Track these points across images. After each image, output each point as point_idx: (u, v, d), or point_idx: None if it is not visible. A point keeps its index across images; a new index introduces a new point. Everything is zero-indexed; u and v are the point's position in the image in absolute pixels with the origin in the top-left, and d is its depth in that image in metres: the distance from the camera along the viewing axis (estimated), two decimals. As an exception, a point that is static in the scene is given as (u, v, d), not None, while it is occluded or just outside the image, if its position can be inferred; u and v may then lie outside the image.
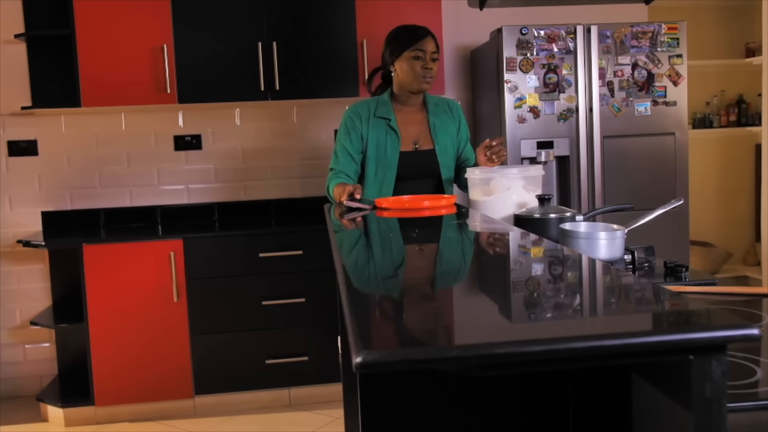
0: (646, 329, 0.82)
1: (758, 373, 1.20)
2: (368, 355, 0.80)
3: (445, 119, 2.82)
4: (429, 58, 2.69)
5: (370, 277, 1.28)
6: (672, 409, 0.89)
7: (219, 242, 3.54)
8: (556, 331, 0.86)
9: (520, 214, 2.28)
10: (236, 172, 4.11)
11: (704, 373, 0.84)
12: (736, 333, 0.81)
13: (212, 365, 3.55)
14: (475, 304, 1.03)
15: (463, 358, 0.80)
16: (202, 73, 3.66)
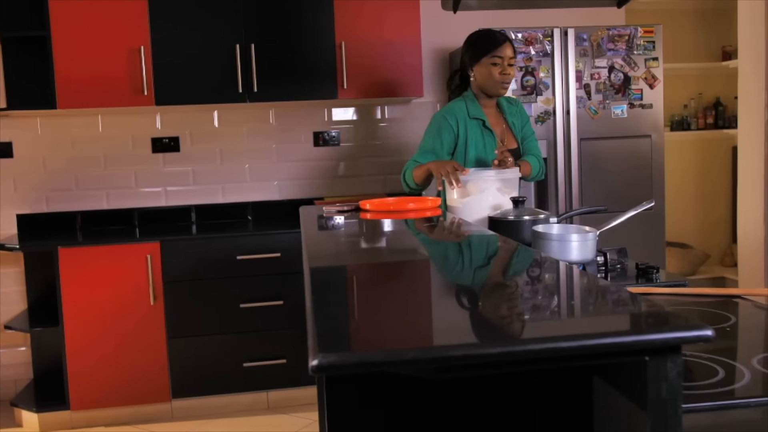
0: (602, 331, 0.83)
1: (720, 373, 1.21)
2: (324, 357, 0.80)
3: (515, 119, 2.93)
4: (506, 64, 2.75)
5: (336, 280, 1.28)
6: (630, 410, 0.90)
7: (196, 245, 3.52)
8: (513, 333, 0.86)
9: (495, 217, 2.29)
10: (214, 175, 4.09)
11: (660, 373, 0.85)
12: (689, 334, 0.82)
13: (189, 368, 3.54)
14: (435, 307, 1.04)
15: (419, 361, 0.80)
16: (179, 74, 3.65)
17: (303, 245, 1.67)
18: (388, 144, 4.26)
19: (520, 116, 2.96)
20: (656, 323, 0.87)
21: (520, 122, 2.96)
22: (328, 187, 4.21)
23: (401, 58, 3.82)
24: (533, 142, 2.99)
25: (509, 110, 2.92)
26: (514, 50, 2.79)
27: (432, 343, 0.85)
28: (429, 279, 1.26)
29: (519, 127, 2.94)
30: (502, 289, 1.17)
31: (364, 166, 4.24)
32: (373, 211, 2.31)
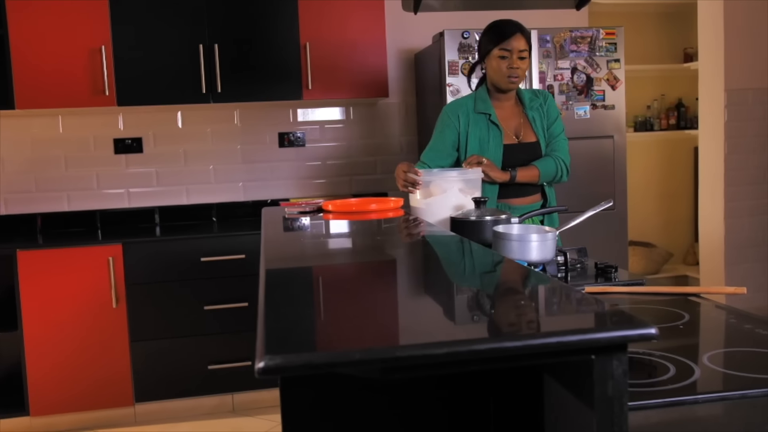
0: (547, 331, 0.83)
1: (671, 370, 1.22)
2: (270, 360, 0.79)
3: (538, 112, 2.76)
4: (516, 57, 2.61)
5: (290, 282, 1.27)
6: (578, 408, 0.90)
7: (159, 247, 3.48)
8: (460, 333, 0.87)
9: (457, 217, 2.29)
10: (178, 176, 4.05)
11: (606, 372, 0.85)
12: (634, 332, 0.83)
13: (153, 372, 3.49)
14: (387, 308, 1.03)
15: (366, 362, 0.80)
16: (141, 75, 3.60)
17: (261, 247, 1.66)
18: (354, 145, 4.25)
19: (546, 111, 2.77)
20: (601, 322, 0.87)
21: (546, 117, 2.77)
22: (293, 188, 4.19)
23: (366, 59, 3.82)
24: (560, 143, 2.80)
25: (531, 104, 2.75)
26: (527, 41, 2.63)
27: (380, 344, 0.84)
28: (383, 280, 1.26)
29: (543, 122, 2.76)
30: (452, 290, 1.17)
31: (330, 167, 4.23)
32: (336, 212, 2.31)
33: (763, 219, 4.80)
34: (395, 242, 1.75)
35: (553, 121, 2.78)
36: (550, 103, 2.80)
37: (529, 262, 1.97)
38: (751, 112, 4.72)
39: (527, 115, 2.73)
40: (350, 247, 1.69)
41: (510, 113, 2.74)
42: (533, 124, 2.73)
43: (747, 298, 4.76)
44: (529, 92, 2.79)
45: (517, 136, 2.71)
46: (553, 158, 2.71)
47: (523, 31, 2.64)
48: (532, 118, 2.73)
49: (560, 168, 2.72)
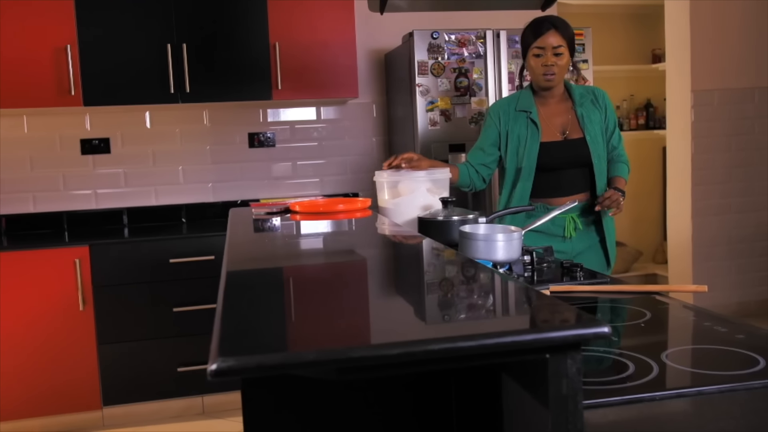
0: (501, 330, 0.83)
1: (630, 368, 1.24)
2: (223, 362, 0.79)
3: (592, 109, 2.67)
4: (550, 54, 2.54)
5: (251, 284, 1.26)
6: (534, 407, 0.91)
7: (127, 248, 3.44)
8: (415, 333, 0.87)
9: (424, 217, 2.30)
10: (146, 177, 4.01)
11: (560, 370, 0.86)
12: (587, 331, 0.83)
13: (121, 375, 3.46)
14: (344, 309, 1.03)
15: (320, 363, 0.79)
16: (108, 74, 3.56)
17: (225, 248, 1.64)
18: (325, 145, 4.25)
19: (602, 110, 2.69)
20: (556, 322, 0.88)
21: (605, 116, 2.69)
22: (264, 188, 4.17)
23: (336, 59, 3.81)
24: (622, 145, 2.76)
25: (581, 100, 2.65)
26: (563, 37, 2.55)
27: (336, 345, 0.84)
28: (343, 282, 1.26)
29: (601, 119, 2.67)
30: (409, 290, 1.17)
31: (300, 168, 4.22)
32: (303, 213, 2.30)
33: (730, 218, 4.88)
34: (359, 243, 1.75)
35: (614, 124, 2.72)
36: (608, 102, 2.72)
37: (496, 261, 1.98)
38: (717, 112, 4.79)
39: (576, 111, 2.65)
40: (314, 248, 1.68)
41: (556, 111, 2.66)
42: (581, 121, 2.63)
43: (714, 296, 4.83)
44: (580, 88, 2.71)
45: (563, 133, 2.63)
46: (624, 164, 2.72)
47: (559, 26, 2.56)
48: (581, 115, 2.64)
49: (629, 171, 2.75)
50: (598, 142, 2.63)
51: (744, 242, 4.91)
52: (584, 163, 2.61)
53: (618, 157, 2.73)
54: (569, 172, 2.62)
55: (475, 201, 3.75)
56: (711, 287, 4.82)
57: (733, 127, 4.82)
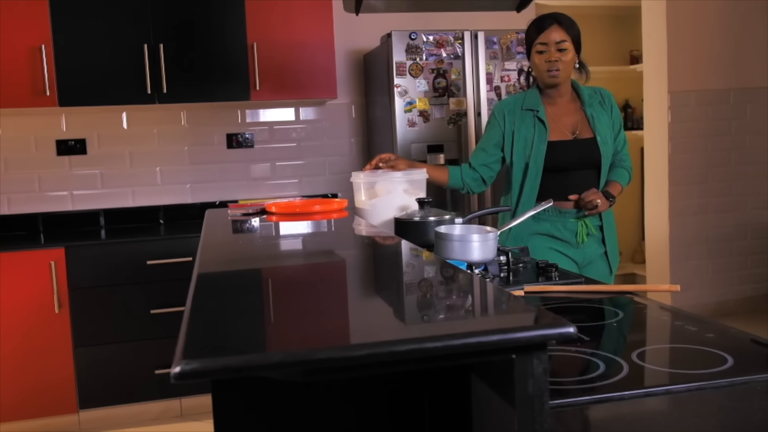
0: (467, 331, 0.84)
1: (601, 367, 1.24)
2: (187, 364, 0.78)
3: (600, 110, 2.60)
4: (554, 49, 2.47)
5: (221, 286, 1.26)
6: (501, 407, 0.91)
7: (104, 250, 3.42)
8: (381, 334, 0.87)
9: (401, 218, 2.30)
10: (123, 178, 3.98)
11: (526, 371, 0.86)
12: (553, 332, 0.84)
13: (98, 378, 3.43)
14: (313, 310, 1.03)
15: (285, 365, 0.79)
16: (84, 75, 3.53)
17: (198, 250, 1.63)
18: (304, 146, 4.24)
19: (609, 111, 2.62)
20: (522, 322, 0.88)
21: (612, 117, 2.63)
22: (242, 189, 4.15)
23: (314, 60, 3.81)
24: (626, 150, 2.70)
25: (590, 100, 2.59)
26: (567, 32, 2.48)
27: (303, 346, 0.84)
28: (313, 283, 1.25)
29: (609, 121, 2.61)
30: (378, 292, 1.17)
31: (279, 169, 4.21)
32: (279, 214, 2.29)
33: (708, 217, 4.93)
34: (332, 244, 1.74)
35: (619, 127, 2.65)
36: (614, 104, 2.66)
37: (471, 262, 1.98)
38: (694, 113, 4.84)
39: (585, 111, 2.58)
40: (287, 250, 1.68)
41: (566, 110, 2.59)
42: (591, 122, 2.56)
43: (692, 295, 4.88)
44: (588, 89, 2.64)
45: (573, 132, 2.56)
46: (624, 168, 2.64)
47: (563, 22, 2.48)
48: (591, 115, 2.57)
49: (630, 176, 2.68)
50: (608, 144, 2.56)
51: (721, 242, 4.96)
52: (593, 164, 2.55)
53: (620, 161, 2.65)
54: (577, 174, 2.55)
55: (454, 201, 3.76)
56: (689, 287, 4.87)
57: (709, 127, 4.87)
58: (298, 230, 1.97)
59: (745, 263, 5.02)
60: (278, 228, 2.01)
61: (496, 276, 2.05)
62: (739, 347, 1.31)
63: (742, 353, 1.28)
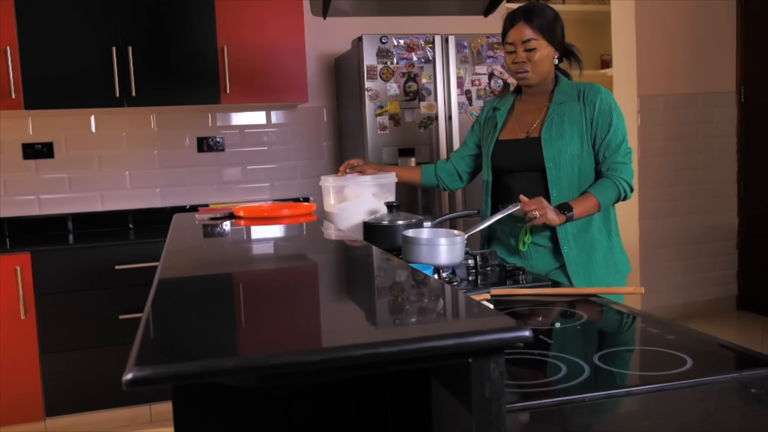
0: (422, 335, 0.83)
1: (563, 370, 1.25)
2: (139, 371, 0.77)
3: (572, 107, 2.28)
4: (520, 50, 2.26)
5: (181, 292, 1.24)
6: (459, 411, 0.91)
7: (71, 255, 3.37)
8: (336, 340, 0.86)
9: (369, 222, 2.30)
10: (92, 182, 3.94)
11: (483, 374, 0.86)
12: (508, 335, 0.84)
13: (65, 384, 3.38)
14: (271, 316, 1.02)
15: (238, 370, 0.78)
16: (51, 77, 3.49)
17: (162, 255, 1.62)
18: (275, 149, 4.22)
19: (585, 109, 2.28)
20: (477, 326, 0.88)
21: (584, 115, 2.27)
22: (213, 193, 4.13)
23: (285, 63, 3.79)
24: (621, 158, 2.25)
25: (559, 98, 2.30)
26: (536, 28, 2.24)
27: (259, 352, 0.83)
28: (275, 288, 1.25)
29: (581, 120, 2.27)
30: (337, 297, 1.17)
31: (250, 172, 4.19)
32: (247, 218, 2.28)
33: (677, 220, 4.98)
34: (297, 249, 1.74)
35: (607, 128, 2.25)
36: (599, 101, 2.26)
37: (439, 265, 1.99)
38: (663, 116, 4.90)
39: (549, 108, 2.31)
40: (252, 255, 1.67)
41: (534, 107, 2.36)
42: (547, 119, 2.29)
43: (661, 297, 4.93)
44: (570, 85, 2.34)
45: (528, 131, 2.34)
46: (612, 180, 2.23)
47: (530, 17, 2.25)
48: (551, 111, 2.29)
49: (622, 191, 2.25)
50: (560, 144, 2.25)
51: (691, 244, 5.02)
52: (535, 166, 2.30)
53: (610, 171, 2.26)
54: (522, 176, 2.34)
55: (425, 205, 3.76)
56: (658, 288, 4.92)
57: (678, 131, 4.93)
58: (264, 235, 1.96)
59: (713, 265, 5.08)
60: (245, 232, 2.00)
61: (464, 279, 2.05)
62: (698, 349, 1.33)
63: (701, 355, 1.29)
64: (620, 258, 2.34)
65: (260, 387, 0.96)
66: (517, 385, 1.21)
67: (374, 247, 1.53)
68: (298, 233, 1.94)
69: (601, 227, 2.31)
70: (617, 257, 2.32)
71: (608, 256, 2.30)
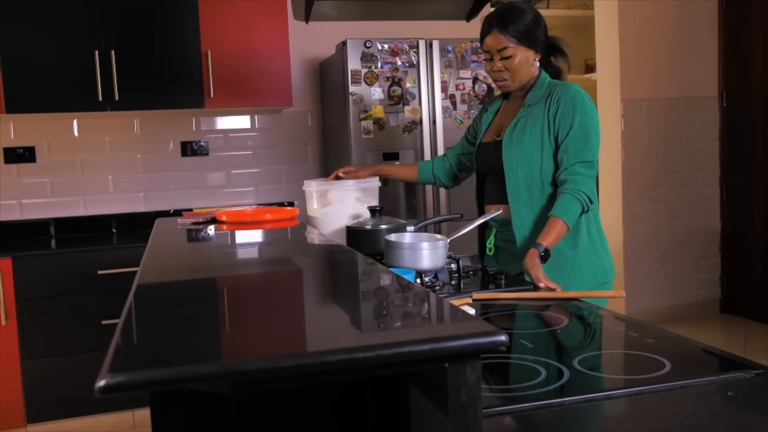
0: (398, 341, 0.83)
1: (542, 374, 1.25)
2: (111, 378, 0.77)
3: (536, 109, 2.18)
4: (496, 58, 2.18)
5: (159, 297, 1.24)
6: (436, 415, 0.91)
7: (53, 260, 3.34)
8: (312, 345, 0.86)
9: (352, 226, 2.29)
10: (75, 186, 3.91)
11: (459, 379, 0.86)
12: (484, 340, 0.84)
13: (47, 391, 3.35)
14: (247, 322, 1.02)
15: (213, 376, 0.78)
16: (33, 81, 3.46)
17: (142, 260, 1.61)
18: (260, 154, 4.21)
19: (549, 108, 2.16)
20: (453, 331, 0.88)
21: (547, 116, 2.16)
22: (197, 198, 4.11)
23: (270, 67, 3.79)
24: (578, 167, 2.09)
25: (530, 99, 2.21)
26: (510, 34, 2.14)
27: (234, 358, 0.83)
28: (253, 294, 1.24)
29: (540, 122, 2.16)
30: (314, 302, 1.16)
31: (235, 177, 4.17)
32: (229, 223, 2.27)
33: (660, 223, 5.01)
34: (278, 255, 1.73)
35: (567, 129, 2.12)
36: (565, 100, 2.13)
37: (421, 270, 1.99)
38: (646, 121, 4.93)
39: (519, 112, 2.23)
40: (233, 260, 1.66)
41: (514, 110, 2.28)
42: (514, 124, 2.20)
43: (644, 300, 4.96)
44: (544, 86, 2.22)
45: (498, 134, 2.29)
46: (572, 195, 2.05)
47: (502, 24, 2.14)
48: (520, 112, 2.22)
49: (585, 204, 2.06)
50: (519, 149, 2.16)
51: (674, 247, 5.05)
52: (497, 170, 2.23)
53: (568, 184, 2.07)
54: (491, 179, 2.32)
55: (410, 209, 3.77)
56: (642, 291, 4.95)
57: (661, 135, 4.96)
58: (245, 240, 1.96)
59: (696, 268, 5.12)
60: (227, 237, 1.99)
61: (446, 284, 2.05)
62: (677, 352, 1.34)
63: (680, 358, 1.30)
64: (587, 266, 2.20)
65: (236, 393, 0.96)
66: (495, 389, 1.21)
67: (354, 252, 1.53)
68: (279, 238, 1.94)
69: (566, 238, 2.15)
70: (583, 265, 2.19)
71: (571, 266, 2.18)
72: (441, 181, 2.64)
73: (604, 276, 2.23)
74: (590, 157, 2.10)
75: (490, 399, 1.14)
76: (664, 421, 1.05)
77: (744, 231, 4.98)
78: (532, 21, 2.17)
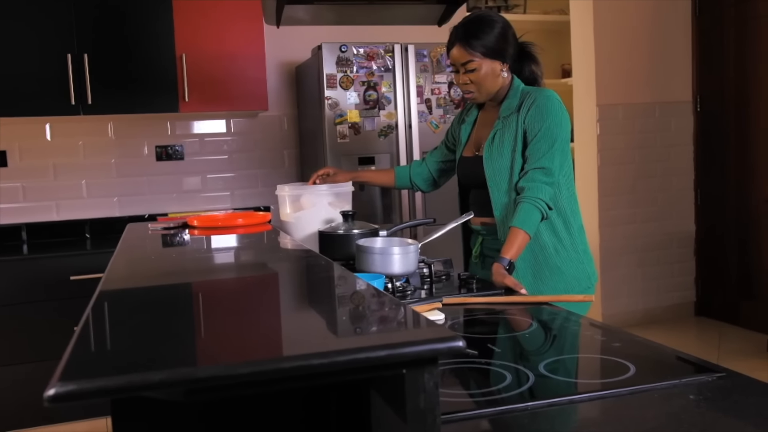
0: (354, 347, 0.83)
1: (508, 378, 1.25)
2: (61, 386, 0.76)
3: (510, 120, 2.17)
4: (461, 72, 2.17)
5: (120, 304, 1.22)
6: (395, 421, 0.91)
7: (23, 266, 3.30)
8: (268, 352, 0.85)
9: (324, 231, 2.29)
10: (47, 191, 3.87)
11: (417, 385, 0.86)
12: (440, 346, 0.84)
13: (17, 398, 3.30)
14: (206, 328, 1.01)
15: (166, 384, 0.77)
16: (3, 84, 3.42)
17: (108, 266, 1.59)
18: (235, 158, 4.19)
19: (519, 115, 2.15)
20: (410, 337, 0.88)
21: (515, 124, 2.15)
22: (172, 202, 4.08)
23: (245, 71, 3.77)
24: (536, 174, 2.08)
25: (506, 111, 2.19)
26: (473, 48, 2.11)
27: (188, 365, 0.82)
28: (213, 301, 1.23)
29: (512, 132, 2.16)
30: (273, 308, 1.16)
31: (210, 181, 4.15)
32: (201, 228, 2.26)
33: (636, 227, 5.05)
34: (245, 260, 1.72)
35: (534, 133, 2.11)
36: (533, 106, 2.12)
37: (392, 274, 1.98)
38: (622, 126, 4.96)
39: (495, 125, 2.21)
40: (200, 266, 1.65)
41: (489, 121, 2.27)
42: (491, 137, 2.20)
43: (621, 303, 4.99)
44: (517, 96, 2.19)
45: (477, 148, 2.29)
46: (530, 204, 2.04)
47: (467, 38, 2.12)
48: (496, 125, 2.20)
49: (544, 211, 2.05)
50: (499, 162, 2.17)
51: (649, 251, 5.09)
52: (480, 183, 2.23)
53: (526, 191, 2.06)
54: (475, 192, 2.32)
55: (385, 214, 3.76)
56: (618, 294, 4.98)
57: (636, 140, 5.00)
58: (215, 245, 1.94)
59: (671, 271, 5.16)
60: (197, 243, 1.98)
61: (418, 288, 2.05)
62: (642, 356, 1.34)
63: (645, 362, 1.31)
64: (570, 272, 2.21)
65: (190, 401, 0.95)
66: (460, 394, 1.21)
67: (318, 257, 1.52)
68: (248, 243, 1.93)
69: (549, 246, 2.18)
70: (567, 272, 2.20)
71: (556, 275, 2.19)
72: (418, 187, 2.64)
73: (587, 281, 2.25)
74: (549, 164, 2.09)
75: (452, 404, 1.13)
76: (625, 424, 1.05)
77: (718, 235, 5.03)
78: (498, 33, 2.14)
